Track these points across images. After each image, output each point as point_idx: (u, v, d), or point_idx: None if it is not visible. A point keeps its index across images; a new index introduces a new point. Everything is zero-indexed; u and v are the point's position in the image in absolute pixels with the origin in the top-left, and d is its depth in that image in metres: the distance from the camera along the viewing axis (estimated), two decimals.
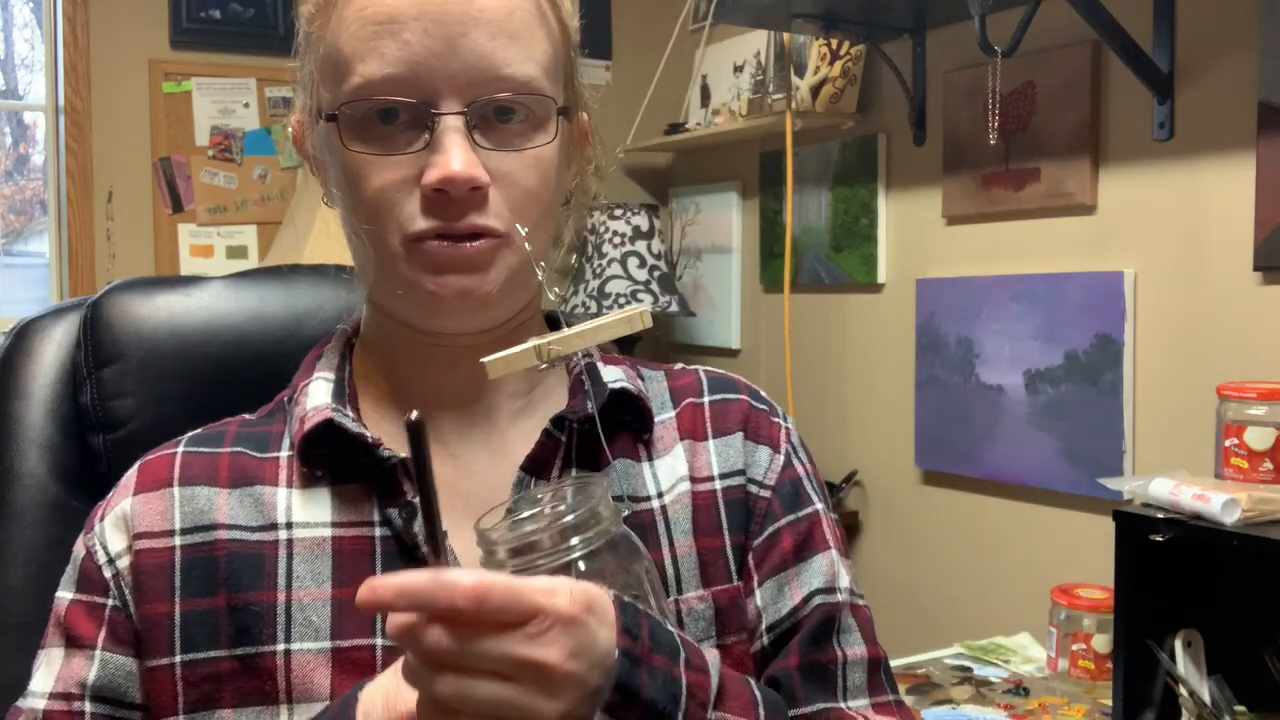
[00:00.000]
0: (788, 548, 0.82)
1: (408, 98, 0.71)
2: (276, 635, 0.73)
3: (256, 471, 0.78)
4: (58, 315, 1.08)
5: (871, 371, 2.73)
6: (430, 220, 0.72)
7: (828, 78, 2.71)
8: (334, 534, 0.75)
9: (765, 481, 0.84)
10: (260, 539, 0.75)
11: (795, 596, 0.81)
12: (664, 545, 0.79)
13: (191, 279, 1.09)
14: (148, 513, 0.76)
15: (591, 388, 0.81)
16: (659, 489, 0.81)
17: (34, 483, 1.02)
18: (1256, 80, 1.88)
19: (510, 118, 0.73)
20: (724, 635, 0.79)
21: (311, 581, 0.74)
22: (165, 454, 0.80)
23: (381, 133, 0.72)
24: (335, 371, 0.81)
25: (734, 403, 0.87)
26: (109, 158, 2.94)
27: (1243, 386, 1.63)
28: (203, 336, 1.05)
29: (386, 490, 0.76)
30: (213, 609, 0.74)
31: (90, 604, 0.75)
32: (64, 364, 1.05)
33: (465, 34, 0.71)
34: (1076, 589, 1.95)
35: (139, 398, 1.03)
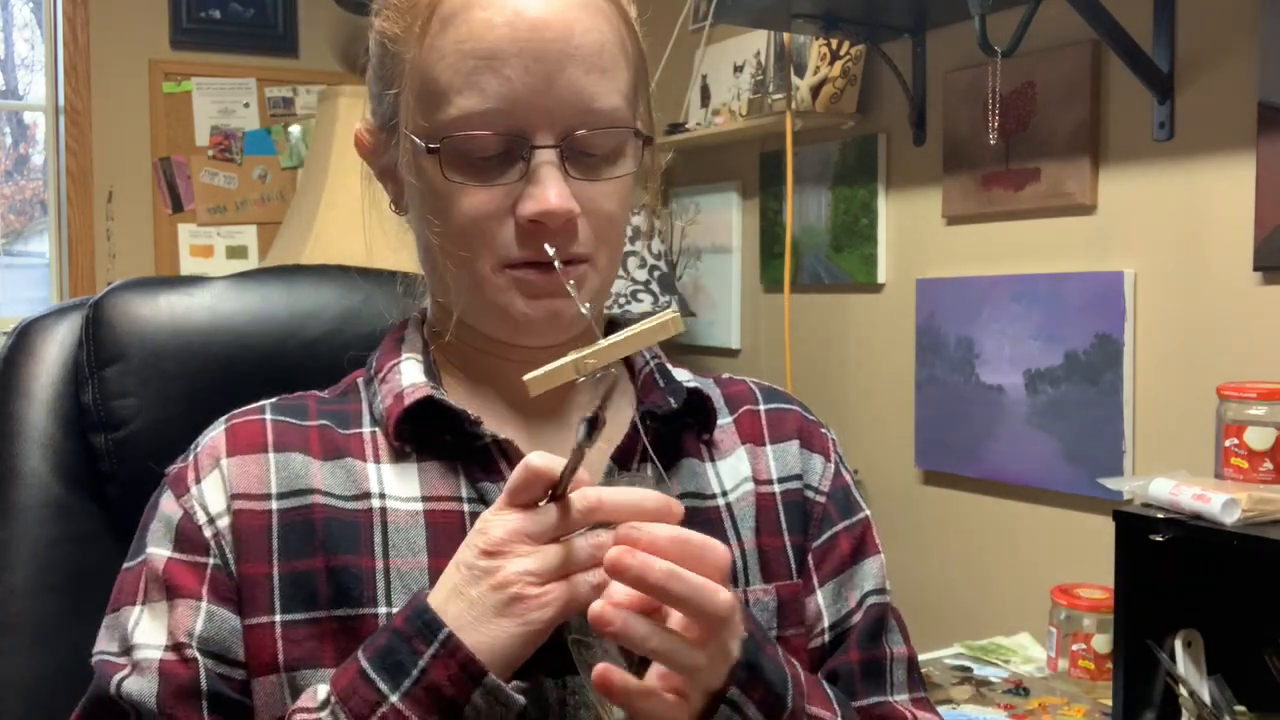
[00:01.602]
0: (845, 551, 0.88)
1: (505, 132, 0.73)
2: (378, 599, 0.75)
3: (345, 445, 0.80)
4: (60, 315, 1.08)
5: (871, 371, 2.73)
6: (525, 249, 0.75)
7: (828, 78, 2.71)
8: (425, 508, 0.78)
9: (820, 488, 0.90)
10: (355, 508, 0.77)
11: (852, 599, 0.87)
12: (731, 540, 0.83)
13: (194, 279, 1.10)
14: (245, 475, 0.78)
15: (666, 385, 0.85)
16: (723, 488, 0.85)
17: (36, 482, 1.02)
18: (1256, 80, 1.88)
19: (595, 147, 0.76)
20: (784, 628, 0.84)
21: (408, 551, 0.76)
22: (254, 419, 0.81)
23: (477, 163, 0.75)
24: (422, 353, 0.83)
25: (789, 413, 0.93)
26: (109, 158, 2.94)
27: (1243, 386, 1.63)
28: (205, 336, 1.06)
29: (482, 466, 0.78)
30: (311, 570, 0.76)
31: (192, 562, 0.76)
32: (66, 363, 1.05)
33: (562, 70, 0.74)
34: (1076, 589, 1.95)
35: (141, 397, 1.03)
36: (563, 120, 0.74)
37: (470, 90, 0.73)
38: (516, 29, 0.73)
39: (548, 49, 0.73)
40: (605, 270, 0.80)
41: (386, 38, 0.78)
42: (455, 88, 0.73)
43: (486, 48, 0.72)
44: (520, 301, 0.76)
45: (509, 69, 0.72)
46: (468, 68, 0.73)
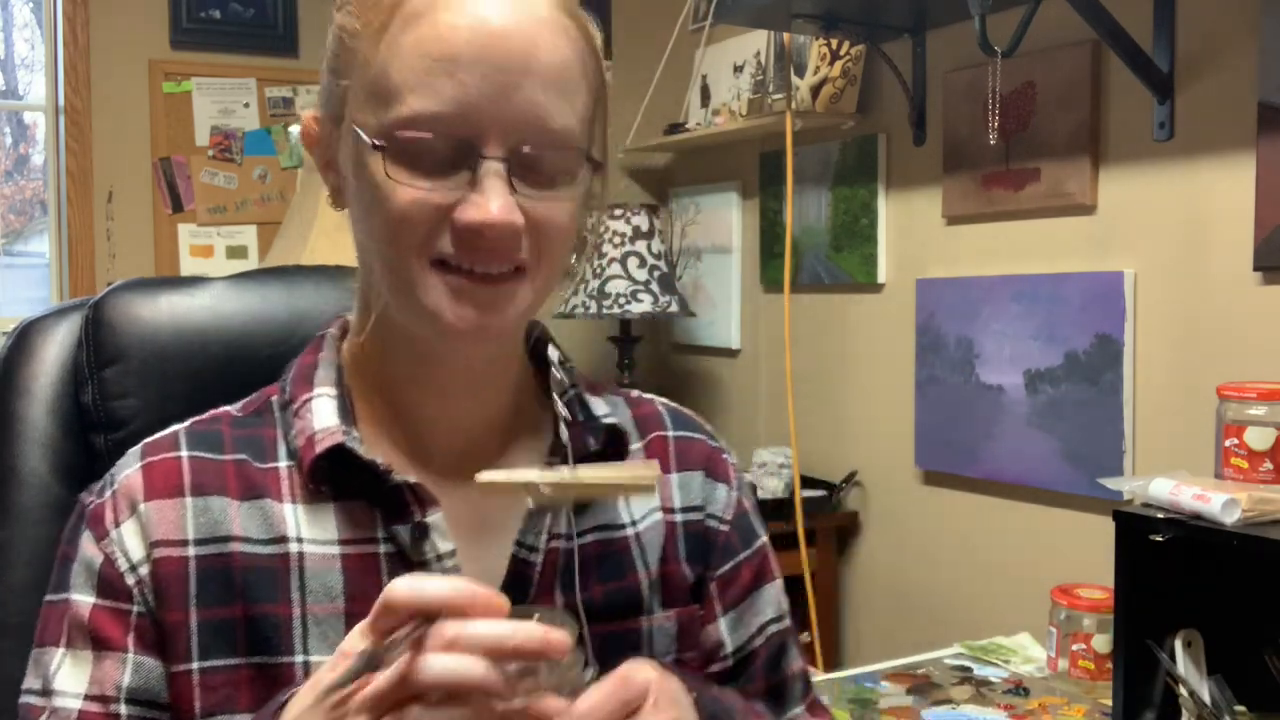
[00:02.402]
0: (746, 580, 0.91)
1: (454, 136, 0.72)
2: (295, 646, 0.76)
3: (262, 483, 0.80)
4: (60, 315, 1.08)
5: (871, 371, 2.73)
6: (459, 254, 0.74)
7: (828, 78, 2.71)
8: (341, 551, 0.78)
9: (724, 517, 0.91)
10: (273, 552, 0.77)
11: (753, 625, 0.91)
12: (640, 569, 0.85)
13: (193, 279, 1.09)
14: (163, 521, 0.77)
15: (586, 421, 0.85)
16: (633, 518, 0.86)
17: (36, 482, 1.02)
18: (1256, 80, 1.88)
19: (544, 164, 0.75)
20: (682, 651, 0.86)
21: (325, 597, 0.77)
22: (170, 457, 0.80)
23: (421, 164, 0.73)
24: (335, 387, 0.82)
25: (696, 441, 0.93)
26: (109, 158, 2.94)
27: (1243, 386, 1.63)
28: (205, 337, 1.05)
29: (392, 509, 0.78)
30: (230, 618, 0.76)
31: (116, 609, 0.77)
32: (66, 364, 1.05)
33: (520, 84, 0.72)
34: (1076, 589, 1.95)
35: (141, 398, 1.03)
36: (515, 133, 0.73)
37: (424, 91, 0.72)
38: (478, 35, 0.72)
39: (509, 60, 0.72)
40: (541, 287, 0.79)
41: (345, 31, 0.77)
42: (409, 87, 0.72)
43: (446, 51, 0.72)
44: (445, 307, 0.75)
45: (466, 74, 0.72)
46: (424, 68, 0.72)
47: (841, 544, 2.81)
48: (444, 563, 0.77)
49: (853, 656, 2.75)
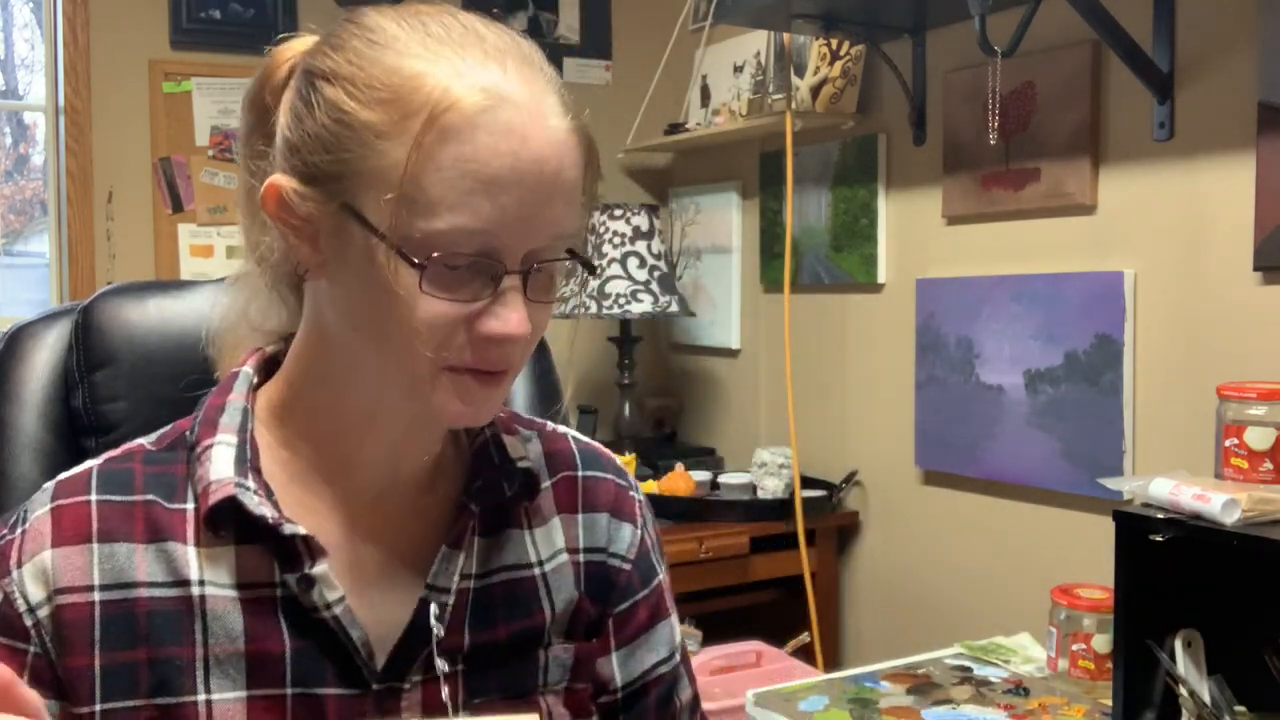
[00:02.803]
0: (642, 619, 0.95)
1: (484, 253, 0.74)
2: (197, 686, 0.78)
3: (168, 525, 0.81)
4: (49, 320, 1.08)
5: (871, 371, 2.73)
6: (474, 359, 0.77)
7: (828, 78, 2.71)
8: (241, 595, 0.80)
9: (628, 556, 0.94)
10: (176, 595, 0.79)
11: (646, 662, 0.95)
12: (545, 606, 0.88)
13: (182, 283, 1.10)
14: (68, 567, 0.78)
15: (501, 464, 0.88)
16: (540, 557, 0.90)
17: (26, 486, 1.03)
18: (1256, 80, 1.88)
19: (550, 272, 0.79)
20: (575, 681, 0.90)
21: (225, 638, 0.79)
22: (80, 501, 0.81)
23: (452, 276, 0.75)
24: (237, 434, 0.82)
25: (603, 481, 0.95)
26: (109, 158, 2.94)
27: (1243, 386, 1.63)
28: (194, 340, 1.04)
29: (284, 558, 0.80)
30: (133, 662, 0.78)
31: (12, 647, 0.78)
32: (56, 368, 1.06)
33: (549, 203, 0.75)
34: (1076, 589, 1.95)
35: (130, 401, 1.03)
36: (533, 247, 0.76)
37: (464, 209, 0.73)
38: (519, 160, 0.73)
39: (542, 183, 0.74)
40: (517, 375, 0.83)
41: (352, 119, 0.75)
42: (448, 203, 0.73)
43: (489, 173, 0.73)
44: (455, 404, 0.78)
45: (506, 197, 0.73)
46: (466, 187, 0.73)
47: (841, 544, 2.81)
48: (333, 609, 0.79)
49: (853, 656, 2.74)
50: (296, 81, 0.79)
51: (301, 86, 0.78)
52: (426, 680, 0.82)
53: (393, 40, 0.76)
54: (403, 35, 0.76)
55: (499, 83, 0.74)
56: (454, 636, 0.83)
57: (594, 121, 0.86)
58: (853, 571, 2.81)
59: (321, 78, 0.77)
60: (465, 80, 0.73)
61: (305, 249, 0.79)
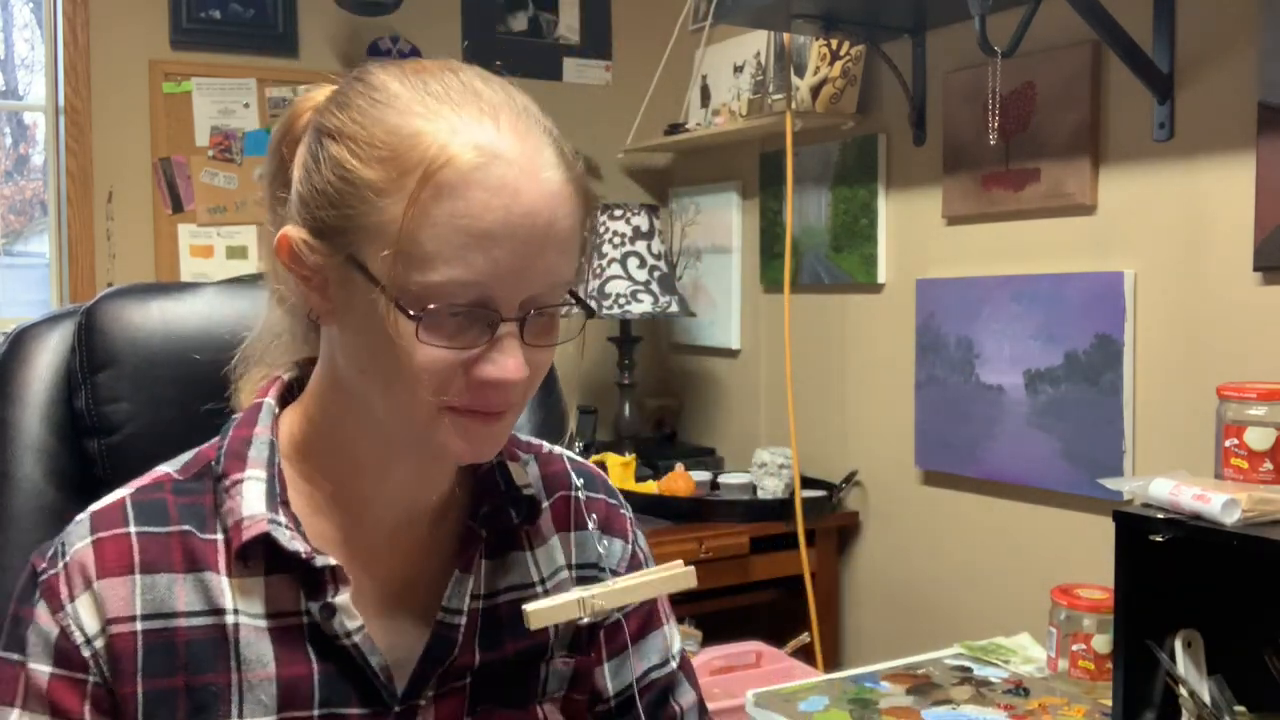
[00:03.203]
0: (632, 630, 0.99)
1: (479, 303, 0.78)
2: (231, 711, 0.82)
3: (203, 556, 0.84)
4: (52, 322, 1.09)
5: (871, 371, 2.73)
6: (473, 400, 0.80)
7: (828, 78, 2.71)
8: (270, 624, 0.84)
9: (618, 570, 0.99)
10: (211, 623, 0.83)
11: (637, 670, 0.99)
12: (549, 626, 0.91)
13: (185, 285, 1.11)
14: (114, 598, 0.82)
15: (507, 490, 0.92)
16: (541, 576, 0.94)
17: (30, 487, 1.03)
18: (1256, 80, 1.88)
19: (546, 318, 0.82)
20: (573, 691, 0.95)
21: (258, 665, 0.83)
22: (120, 534, 0.84)
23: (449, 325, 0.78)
24: (266, 468, 0.86)
25: (596, 500, 1.00)
26: (109, 158, 2.94)
27: (1243, 386, 1.63)
28: (197, 341, 1.06)
29: (310, 587, 0.84)
30: (172, 688, 0.82)
31: (72, 679, 0.81)
32: (59, 370, 1.06)
33: (541, 253, 0.78)
34: (1076, 589, 1.95)
35: (134, 402, 1.03)
36: (530, 296, 0.79)
37: (458, 263, 0.76)
38: (511, 214, 0.76)
39: (534, 235, 0.77)
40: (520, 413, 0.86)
41: (354, 175, 0.79)
42: (443, 257, 0.76)
43: (481, 228, 0.76)
44: (458, 443, 0.82)
45: (498, 250, 0.76)
46: (459, 241, 0.76)
47: (841, 544, 2.81)
48: (353, 637, 0.84)
49: (853, 656, 2.75)
50: (308, 136, 0.83)
51: (311, 142, 0.82)
52: (440, 695, 0.87)
53: (394, 99, 0.79)
54: (404, 94, 0.79)
55: (493, 139, 0.77)
56: (466, 655, 0.88)
57: (594, 121, 0.89)
58: (853, 571, 2.81)
59: (328, 135, 0.80)
60: (460, 138, 0.76)
61: (315, 297, 0.83)
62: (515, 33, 3.31)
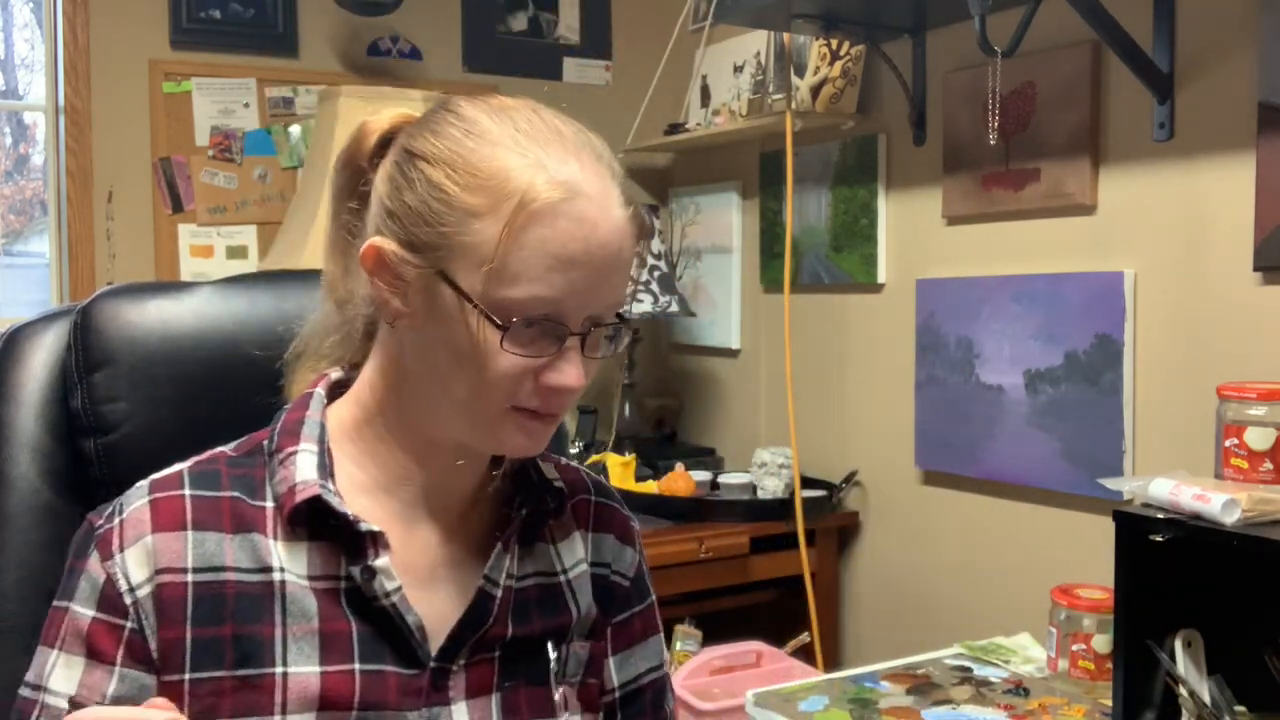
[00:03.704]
0: (637, 629, 1.09)
1: (556, 320, 0.88)
2: (276, 660, 0.89)
3: (251, 519, 0.92)
4: (48, 321, 1.08)
5: (871, 371, 2.73)
6: (540, 404, 0.90)
7: (828, 78, 2.71)
8: (312, 585, 0.91)
9: (627, 574, 1.08)
10: (260, 579, 0.90)
11: (640, 667, 1.08)
12: (571, 607, 1.02)
13: (181, 284, 1.10)
14: (166, 550, 0.88)
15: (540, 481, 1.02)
16: (564, 566, 1.03)
17: (26, 486, 1.03)
18: (1256, 80, 1.88)
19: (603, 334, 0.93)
20: (587, 676, 1.03)
21: (302, 618, 0.90)
22: (175, 495, 0.91)
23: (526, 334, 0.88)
24: (317, 444, 0.94)
25: (611, 508, 1.10)
26: (109, 158, 2.94)
27: (1243, 386, 1.63)
28: (193, 341, 1.06)
29: (353, 551, 0.91)
30: (219, 637, 0.88)
31: (111, 624, 0.87)
32: (54, 369, 1.06)
33: (608, 278, 0.89)
34: (1076, 589, 1.95)
35: (130, 402, 1.03)
36: (593, 313, 0.90)
37: (541, 283, 0.86)
38: (590, 244, 0.87)
39: (607, 263, 0.88)
40: None
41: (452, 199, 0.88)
42: (528, 276, 0.86)
43: (566, 254, 0.86)
44: (520, 439, 0.92)
45: (577, 273, 0.87)
46: (545, 264, 0.86)
47: (841, 544, 2.81)
48: (390, 597, 0.91)
49: (853, 656, 2.75)
50: (395, 156, 0.92)
51: (401, 162, 0.91)
52: (470, 664, 0.94)
53: (486, 133, 0.89)
54: (494, 129, 0.89)
55: (575, 177, 0.87)
56: (498, 627, 0.95)
57: (594, 121, 0.94)
58: (853, 571, 2.81)
59: (422, 158, 0.89)
60: (549, 173, 0.86)
61: (396, 302, 0.91)
62: (515, 33, 3.31)
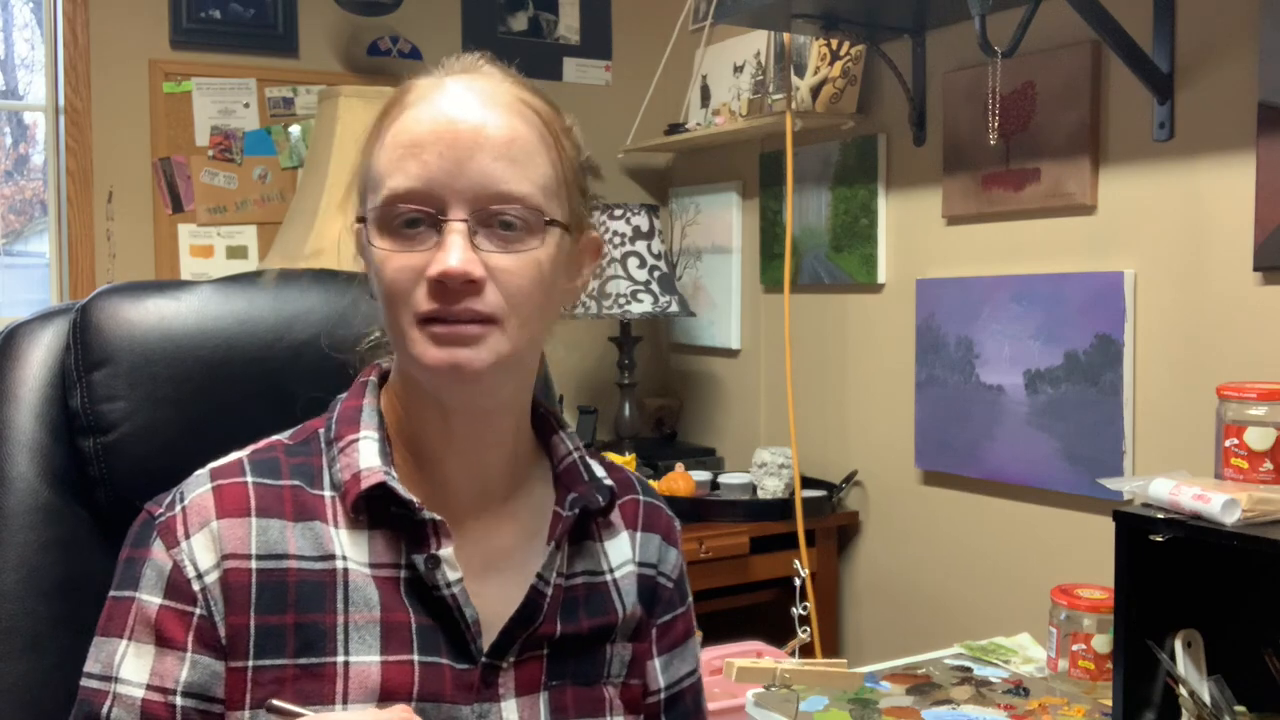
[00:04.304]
0: (680, 631, 1.09)
1: (423, 206, 0.87)
2: (337, 649, 0.88)
3: (313, 507, 0.92)
4: (46, 319, 1.08)
5: (871, 371, 2.73)
6: (433, 304, 0.86)
7: (828, 78, 2.71)
8: (374, 573, 0.91)
9: (671, 575, 1.08)
10: (322, 568, 0.90)
11: (680, 670, 1.08)
12: (617, 607, 1.01)
13: (181, 283, 1.10)
14: (232, 537, 0.88)
15: (590, 480, 1.00)
16: (610, 565, 1.02)
17: (24, 486, 1.03)
18: (1256, 80, 1.88)
19: (511, 227, 0.88)
20: (629, 678, 1.02)
21: (364, 607, 0.89)
22: (238, 482, 0.91)
23: (405, 234, 0.87)
24: (378, 430, 0.94)
25: (658, 509, 1.09)
26: (109, 158, 2.94)
27: (1243, 386, 1.63)
28: (193, 340, 1.06)
29: (415, 540, 0.91)
30: (281, 625, 0.88)
31: (180, 611, 0.87)
32: (53, 368, 1.05)
33: (472, 157, 0.87)
34: (1076, 589, 1.95)
35: (130, 401, 1.03)
36: (473, 198, 0.87)
37: (397, 173, 0.87)
38: (437, 123, 0.87)
39: (460, 138, 0.87)
40: (516, 337, 0.89)
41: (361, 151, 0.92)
42: (388, 172, 0.88)
43: (411, 138, 0.87)
44: (431, 350, 0.87)
45: (427, 154, 0.87)
46: (397, 155, 0.88)
47: (841, 544, 2.81)
48: (452, 588, 0.90)
49: (853, 657, 2.74)
50: None
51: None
52: (519, 661, 0.93)
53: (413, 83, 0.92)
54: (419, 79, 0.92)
55: (443, 76, 0.91)
56: (548, 625, 0.94)
57: (594, 122, 0.96)
58: (853, 571, 2.81)
59: None
60: (421, 79, 0.91)
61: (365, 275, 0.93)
62: (515, 33, 3.31)
